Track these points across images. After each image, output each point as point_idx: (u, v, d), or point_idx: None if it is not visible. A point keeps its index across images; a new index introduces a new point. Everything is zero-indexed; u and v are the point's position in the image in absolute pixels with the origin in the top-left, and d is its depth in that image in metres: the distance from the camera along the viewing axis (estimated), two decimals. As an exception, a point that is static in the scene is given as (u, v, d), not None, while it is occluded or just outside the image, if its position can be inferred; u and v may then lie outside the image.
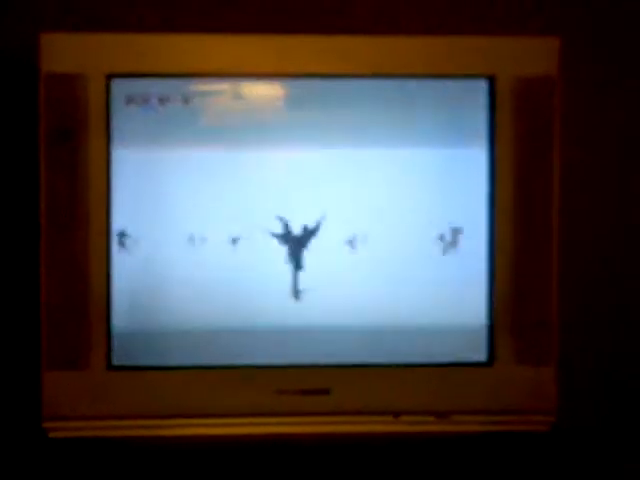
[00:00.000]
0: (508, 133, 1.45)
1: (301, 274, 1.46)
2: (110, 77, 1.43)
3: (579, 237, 1.64)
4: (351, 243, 1.46)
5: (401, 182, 1.47)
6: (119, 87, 1.44)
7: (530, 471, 1.45)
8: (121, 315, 1.45)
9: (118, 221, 1.44)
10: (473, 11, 1.63)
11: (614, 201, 1.66)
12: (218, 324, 1.46)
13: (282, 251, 1.46)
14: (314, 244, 1.46)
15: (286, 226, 1.45)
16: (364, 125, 1.46)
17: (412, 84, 1.46)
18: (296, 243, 1.46)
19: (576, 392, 1.64)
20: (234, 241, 1.45)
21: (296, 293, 1.45)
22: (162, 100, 1.45)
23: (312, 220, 1.46)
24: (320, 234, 1.46)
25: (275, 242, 1.46)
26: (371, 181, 1.46)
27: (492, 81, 1.45)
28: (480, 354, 1.48)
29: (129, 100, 1.44)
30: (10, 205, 1.60)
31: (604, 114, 1.65)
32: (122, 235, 1.44)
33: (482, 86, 1.46)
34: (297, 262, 1.46)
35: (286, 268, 1.46)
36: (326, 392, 1.45)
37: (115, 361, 1.44)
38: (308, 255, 1.46)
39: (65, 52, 1.42)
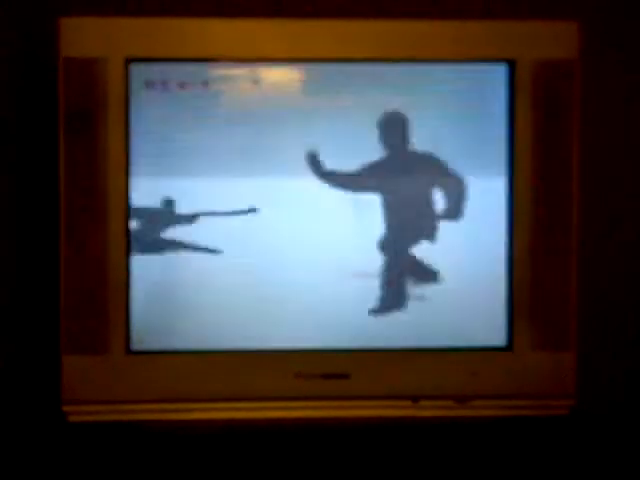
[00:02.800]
0: (528, 117, 1.45)
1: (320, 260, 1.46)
2: (129, 61, 1.43)
3: (598, 222, 1.64)
4: (371, 228, 1.46)
5: (418, 168, 1.47)
6: (138, 71, 1.44)
7: (549, 455, 1.44)
8: (140, 299, 1.44)
9: (137, 203, 1.44)
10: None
11: (634, 187, 1.66)
12: (237, 307, 1.46)
13: (304, 234, 1.46)
14: (334, 232, 1.46)
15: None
16: (383, 108, 1.45)
17: (431, 68, 1.45)
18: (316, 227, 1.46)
19: (595, 376, 1.63)
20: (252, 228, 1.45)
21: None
22: (181, 84, 1.44)
23: (330, 208, 1.46)
24: (342, 223, 1.46)
25: (296, 223, 1.46)
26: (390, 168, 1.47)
27: (512, 65, 1.45)
28: (500, 339, 1.47)
29: (148, 84, 1.44)
30: (30, 189, 1.60)
31: (624, 98, 1.65)
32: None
33: (502, 70, 1.45)
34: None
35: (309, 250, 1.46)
36: (346, 376, 1.45)
37: (134, 345, 1.44)
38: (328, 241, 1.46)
39: (84, 36, 1.42)
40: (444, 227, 1.47)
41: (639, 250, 1.66)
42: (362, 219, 1.46)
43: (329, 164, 1.45)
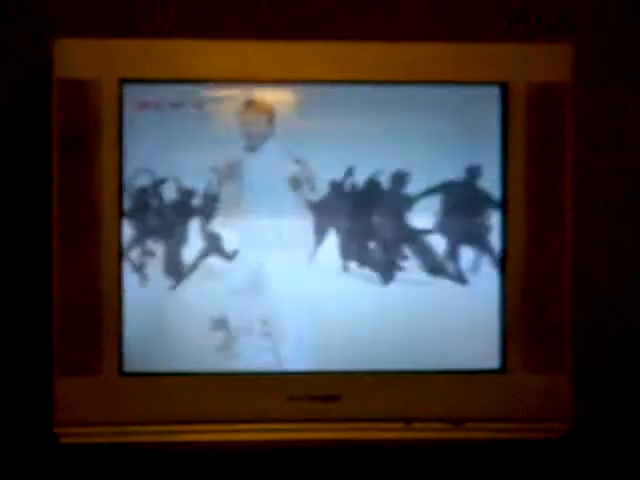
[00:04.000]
0: (521, 139, 1.45)
1: (312, 282, 1.46)
2: (123, 82, 1.43)
3: (592, 244, 1.64)
4: (361, 255, 1.46)
5: (414, 190, 1.47)
6: (131, 92, 1.44)
7: (544, 478, 1.44)
8: (132, 322, 1.44)
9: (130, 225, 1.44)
10: (486, 18, 1.62)
11: (628, 207, 1.65)
12: (229, 330, 1.45)
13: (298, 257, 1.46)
14: (325, 252, 1.46)
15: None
16: (375, 131, 1.45)
17: (425, 90, 1.45)
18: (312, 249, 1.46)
19: (590, 399, 1.63)
20: (242, 246, 1.45)
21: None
22: (174, 105, 1.45)
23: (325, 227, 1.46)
24: (329, 242, 1.46)
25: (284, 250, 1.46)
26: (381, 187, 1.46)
27: (505, 88, 1.45)
28: (493, 361, 1.47)
29: (141, 105, 1.44)
30: (23, 211, 1.60)
31: (617, 120, 1.64)
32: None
33: (495, 93, 1.45)
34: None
35: (298, 274, 1.46)
36: (337, 398, 1.45)
37: (126, 367, 1.44)
38: (318, 261, 1.46)
39: (78, 57, 1.42)
40: (437, 247, 1.47)
41: (633, 273, 1.66)
42: (351, 240, 1.46)
43: (320, 187, 1.45)
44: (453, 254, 1.47)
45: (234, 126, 1.45)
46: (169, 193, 1.44)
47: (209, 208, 1.45)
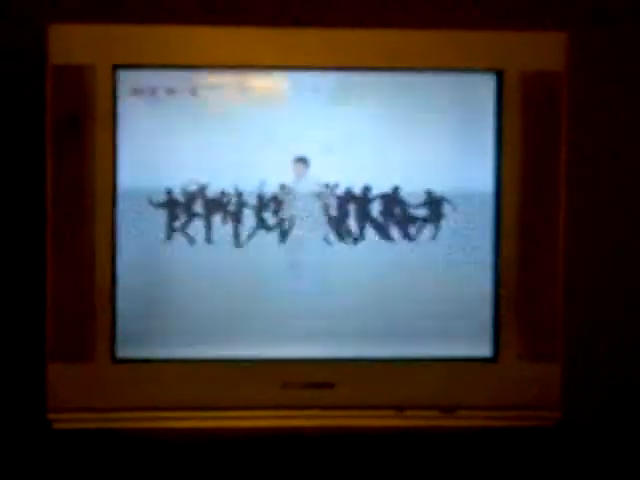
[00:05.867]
0: (516, 127, 1.45)
1: (306, 269, 1.46)
2: (117, 68, 1.42)
3: (585, 233, 1.64)
4: (355, 237, 1.46)
5: (408, 175, 1.46)
6: (126, 78, 1.43)
7: (535, 466, 1.45)
8: (126, 308, 1.44)
9: (124, 211, 1.44)
10: (482, 5, 1.62)
11: (621, 197, 1.66)
12: (223, 317, 1.45)
13: (286, 248, 1.46)
14: (317, 239, 1.46)
15: (283, 224, 1.46)
16: (371, 118, 1.45)
17: (420, 77, 1.45)
18: (298, 241, 1.46)
19: (581, 387, 1.63)
20: (238, 237, 1.45)
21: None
22: (169, 91, 1.44)
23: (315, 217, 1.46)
24: (323, 231, 1.46)
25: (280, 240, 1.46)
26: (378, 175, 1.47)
27: (500, 75, 1.45)
28: (485, 350, 1.47)
29: (136, 91, 1.44)
30: (16, 196, 1.60)
31: (611, 109, 1.65)
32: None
33: (490, 80, 1.45)
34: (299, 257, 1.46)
35: (289, 265, 1.46)
36: (330, 386, 1.45)
37: (119, 354, 1.44)
38: (310, 250, 1.46)
39: (73, 43, 1.41)
40: (430, 236, 1.47)
41: (626, 263, 1.66)
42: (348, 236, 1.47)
43: (318, 173, 1.45)
44: (445, 242, 1.47)
45: (230, 113, 1.45)
46: (164, 180, 1.44)
47: (202, 195, 1.45)
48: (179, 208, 1.45)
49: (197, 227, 1.45)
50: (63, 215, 1.42)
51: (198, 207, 1.45)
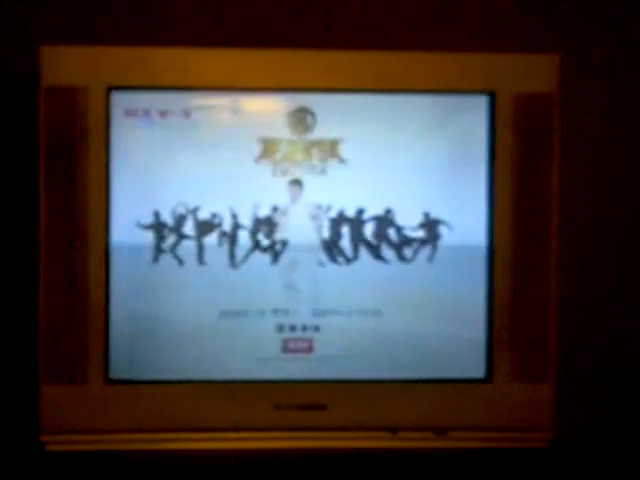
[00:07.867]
0: (508, 149, 1.45)
1: (298, 291, 1.46)
2: (110, 89, 1.43)
3: (578, 253, 1.64)
4: (349, 258, 1.46)
5: (402, 197, 1.47)
6: (119, 100, 1.43)
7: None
8: (119, 329, 1.44)
9: (117, 233, 1.44)
10: (474, 28, 1.63)
11: (614, 217, 1.66)
12: (216, 339, 1.45)
13: (281, 272, 1.46)
14: (310, 261, 1.46)
15: (276, 245, 1.46)
16: (363, 140, 1.46)
17: (413, 99, 1.45)
18: (293, 263, 1.46)
19: (573, 409, 1.63)
20: (233, 258, 1.45)
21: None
22: (162, 113, 1.44)
23: (310, 238, 1.46)
24: (318, 252, 1.46)
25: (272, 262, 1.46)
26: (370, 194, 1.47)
27: (492, 97, 1.45)
28: (478, 371, 1.47)
29: (129, 113, 1.44)
30: (9, 218, 1.60)
31: (604, 130, 1.65)
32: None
33: (483, 102, 1.46)
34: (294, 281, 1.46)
35: (284, 286, 1.46)
36: (323, 407, 1.45)
37: (112, 375, 1.44)
38: (304, 274, 1.46)
39: (65, 65, 1.42)
40: (424, 258, 1.47)
41: (619, 283, 1.67)
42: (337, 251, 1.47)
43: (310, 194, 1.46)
44: (439, 264, 1.47)
45: (222, 134, 1.45)
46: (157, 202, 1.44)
47: (195, 215, 1.45)
48: (171, 230, 1.45)
49: (188, 248, 1.45)
50: (56, 237, 1.42)
51: (189, 229, 1.45)
